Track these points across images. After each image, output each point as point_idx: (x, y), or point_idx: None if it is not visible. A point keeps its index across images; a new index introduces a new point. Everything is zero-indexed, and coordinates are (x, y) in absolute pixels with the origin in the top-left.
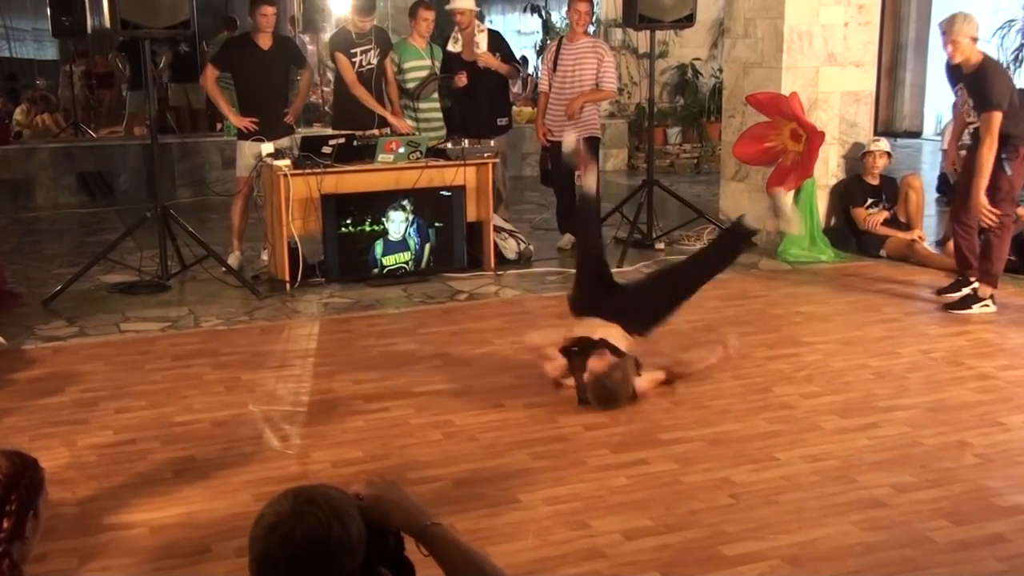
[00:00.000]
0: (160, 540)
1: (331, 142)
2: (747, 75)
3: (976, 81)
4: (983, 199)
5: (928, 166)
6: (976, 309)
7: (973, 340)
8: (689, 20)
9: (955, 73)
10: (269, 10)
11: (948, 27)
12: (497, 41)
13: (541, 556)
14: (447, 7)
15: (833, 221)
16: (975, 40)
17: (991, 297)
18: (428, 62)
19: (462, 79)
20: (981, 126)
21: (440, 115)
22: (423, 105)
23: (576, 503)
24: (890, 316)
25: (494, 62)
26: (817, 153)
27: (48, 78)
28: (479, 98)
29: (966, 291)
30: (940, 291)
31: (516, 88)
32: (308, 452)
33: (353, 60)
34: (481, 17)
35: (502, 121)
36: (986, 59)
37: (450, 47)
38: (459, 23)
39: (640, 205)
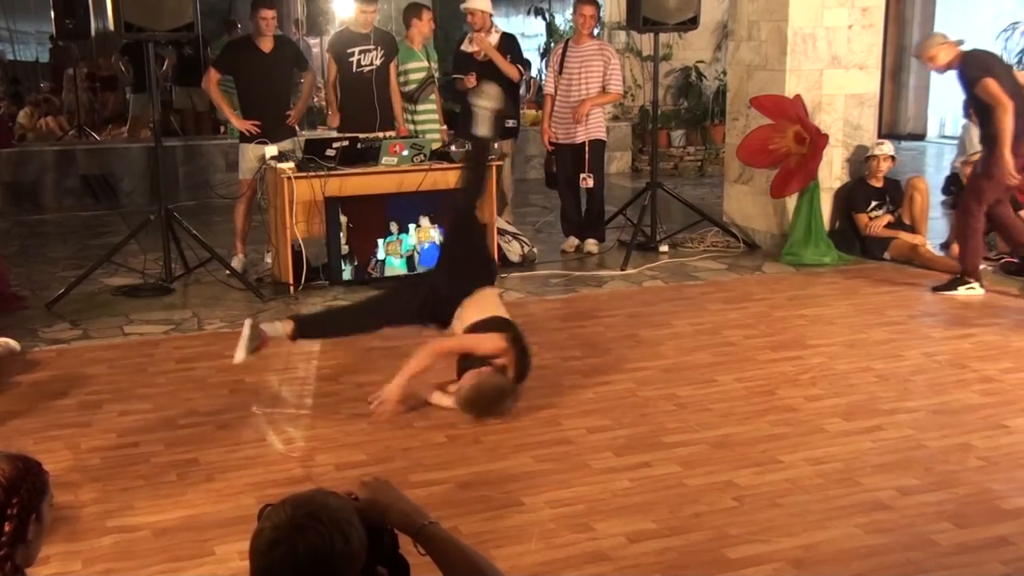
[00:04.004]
0: (163, 543)
1: (335, 144)
2: (751, 78)
3: (961, 74)
4: (1009, 159)
5: (933, 168)
6: (963, 292)
7: (977, 343)
8: (693, 23)
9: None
10: (268, 13)
11: (918, 53)
12: (509, 43)
13: (545, 559)
14: (462, 7)
15: (837, 224)
16: (943, 44)
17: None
18: (426, 64)
19: (471, 80)
20: (984, 97)
21: (436, 117)
22: (421, 107)
23: (580, 506)
24: (894, 319)
25: (495, 53)
26: (821, 156)
27: (52, 81)
28: None
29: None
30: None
31: (520, 91)
32: (312, 455)
33: (351, 60)
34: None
35: (510, 123)
36: (967, 53)
37: (464, 47)
38: (472, 24)
39: (644, 208)
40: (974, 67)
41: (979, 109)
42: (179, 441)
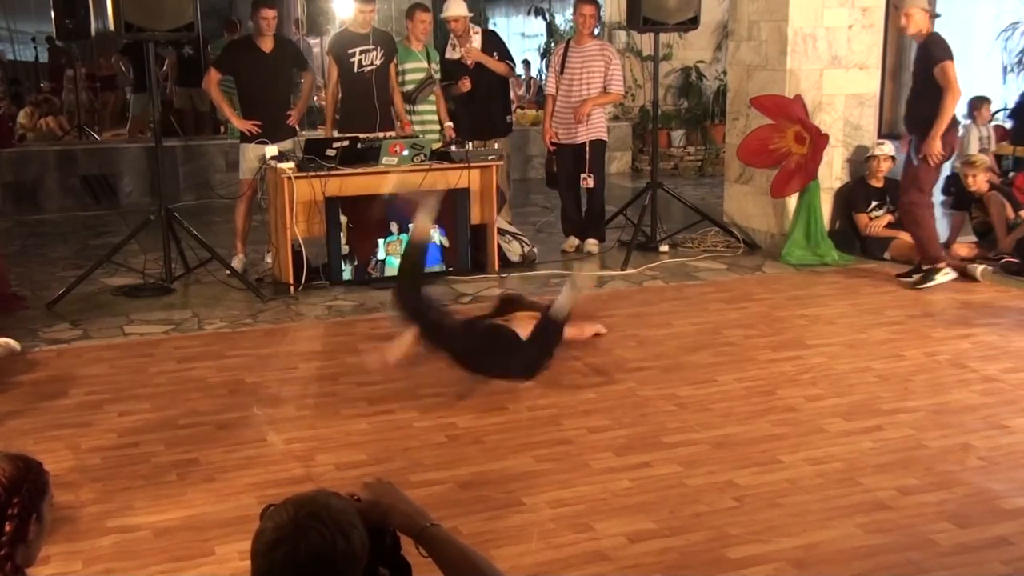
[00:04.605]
0: (163, 543)
1: (335, 144)
2: (751, 78)
3: (925, 48)
4: (938, 144)
5: None
6: (940, 278)
7: (977, 343)
8: (693, 22)
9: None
10: (269, 13)
11: (898, 2)
12: (493, 40)
13: (545, 559)
14: (441, 16)
15: (837, 224)
16: (927, 12)
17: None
18: (425, 64)
19: (465, 84)
20: (939, 79)
21: (435, 118)
22: (420, 108)
23: (580, 506)
24: (894, 319)
25: (484, 57)
26: (821, 156)
27: (50, 81)
28: (482, 99)
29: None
30: (900, 275)
31: (520, 90)
32: (312, 455)
33: (352, 60)
34: (484, 20)
35: (508, 119)
36: (936, 33)
37: (448, 54)
38: (454, 30)
39: (644, 208)
40: (942, 47)
41: (923, 89)
42: (179, 441)
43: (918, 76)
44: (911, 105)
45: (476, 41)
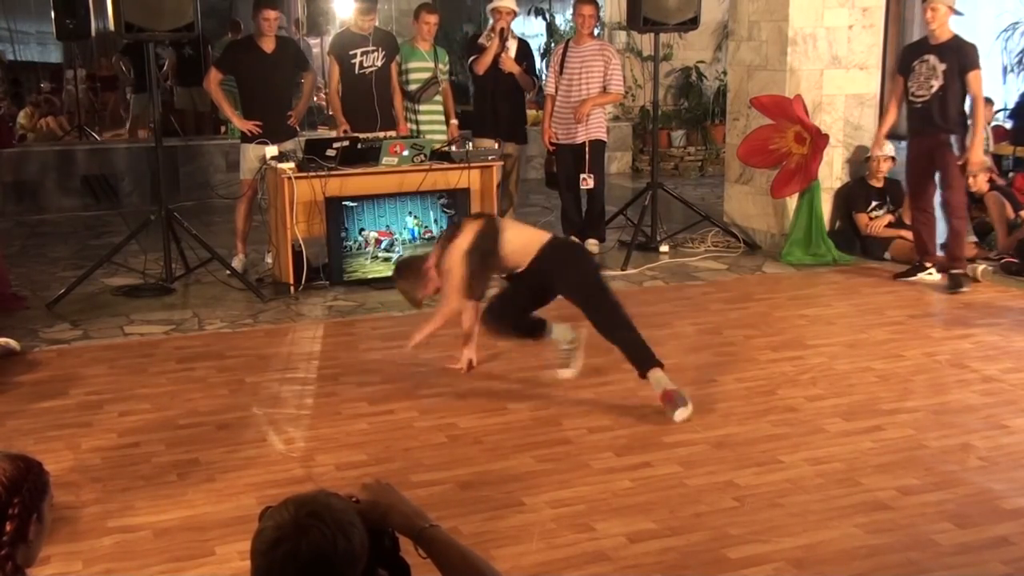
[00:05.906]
0: (164, 543)
1: (335, 145)
2: (751, 78)
3: (955, 49)
4: (981, 156)
5: None
6: (924, 275)
7: (977, 343)
8: (693, 23)
9: (918, 48)
10: (271, 14)
11: None
12: (525, 51)
13: (545, 559)
14: (490, 7)
15: (838, 224)
16: (951, 11)
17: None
18: (430, 64)
19: (507, 63)
20: (972, 84)
21: (440, 119)
22: (423, 108)
23: (580, 506)
24: (894, 319)
25: (516, 68)
26: (821, 156)
27: (52, 81)
28: (507, 101)
29: (922, 275)
30: (896, 275)
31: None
32: (312, 455)
33: (353, 61)
34: (484, 21)
35: (524, 128)
36: (958, 35)
37: (483, 40)
38: (502, 19)
39: (644, 208)
40: (976, 54)
41: (952, 88)
42: (179, 441)
43: (950, 75)
44: (941, 103)
45: (512, 48)
